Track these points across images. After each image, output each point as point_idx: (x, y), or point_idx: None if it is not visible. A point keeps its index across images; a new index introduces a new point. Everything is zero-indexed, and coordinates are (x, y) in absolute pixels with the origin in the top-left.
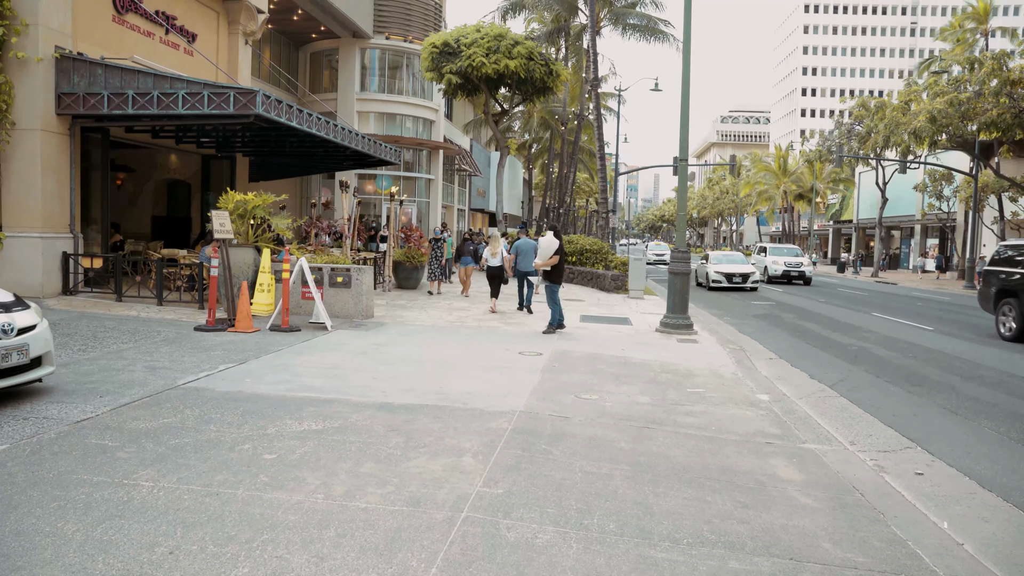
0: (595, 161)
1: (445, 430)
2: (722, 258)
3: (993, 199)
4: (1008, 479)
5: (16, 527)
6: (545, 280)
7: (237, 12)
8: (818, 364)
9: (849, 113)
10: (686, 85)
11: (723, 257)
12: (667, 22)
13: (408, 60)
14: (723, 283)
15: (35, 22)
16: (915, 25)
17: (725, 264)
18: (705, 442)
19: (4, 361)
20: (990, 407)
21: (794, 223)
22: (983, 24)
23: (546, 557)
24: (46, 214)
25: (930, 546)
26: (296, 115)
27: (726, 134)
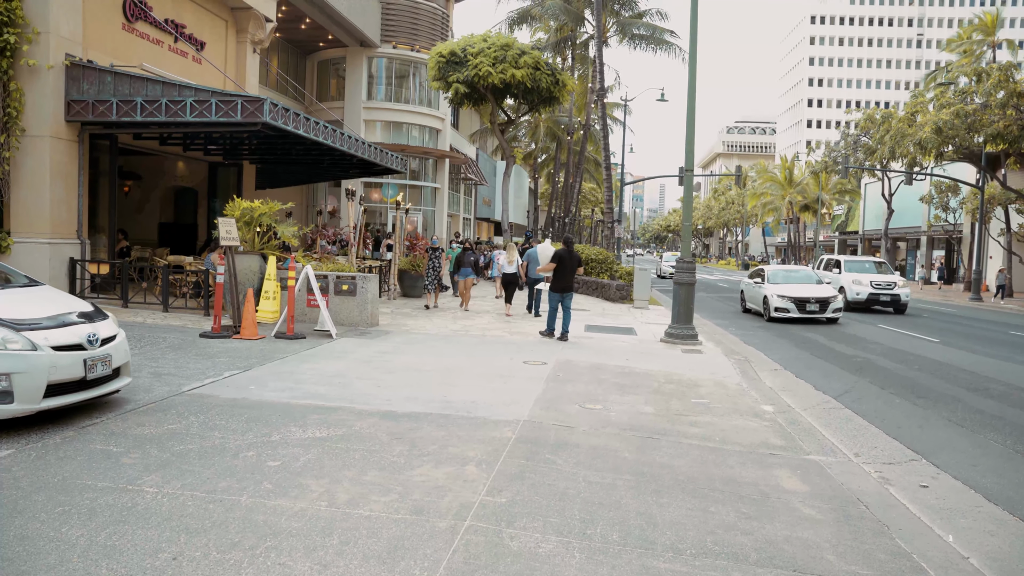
0: (601, 171)
1: (449, 438)
2: (785, 275)
3: (1000, 211)
4: (1014, 492)
5: (20, 532)
6: (548, 288)
7: (245, 21)
8: (823, 375)
9: (855, 124)
10: (692, 95)
11: (786, 274)
12: (672, 32)
13: (415, 69)
14: (790, 312)
15: (46, 30)
16: (921, 37)
17: (793, 285)
18: (709, 453)
19: (90, 372)
20: (996, 420)
21: (800, 234)
22: (990, 36)
23: (549, 567)
24: (54, 220)
25: (935, 559)
26: (303, 123)
27: (732, 144)
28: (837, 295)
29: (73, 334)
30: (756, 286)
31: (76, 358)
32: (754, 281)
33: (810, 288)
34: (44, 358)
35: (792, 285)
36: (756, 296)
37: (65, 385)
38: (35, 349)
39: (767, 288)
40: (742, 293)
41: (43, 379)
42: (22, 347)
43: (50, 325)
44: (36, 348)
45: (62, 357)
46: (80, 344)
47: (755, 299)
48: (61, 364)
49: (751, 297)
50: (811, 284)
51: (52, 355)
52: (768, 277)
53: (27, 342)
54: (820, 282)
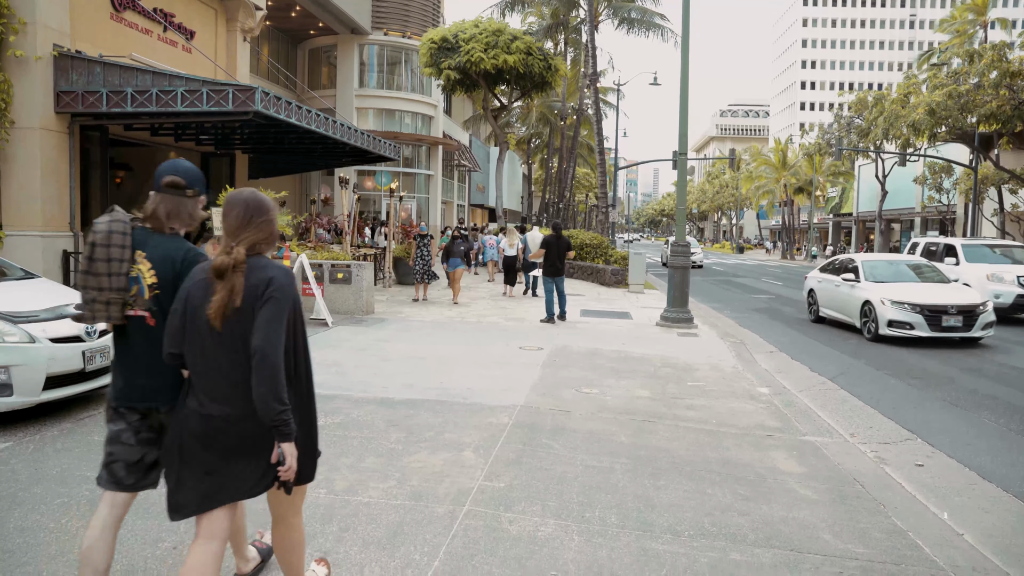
0: (594, 156)
1: (446, 425)
2: (894, 269)
3: (993, 191)
4: (1008, 470)
5: (20, 523)
6: (541, 273)
7: (235, 9)
8: (818, 357)
9: (848, 107)
10: (685, 79)
11: (894, 267)
12: (664, 16)
13: (407, 56)
14: (916, 328)
15: (33, 20)
16: (914, 17)
17: (912, 285)
18: (705, 435)
19: (89, 364)
20: (990, 399)
21: (794, 216)
22: (982, 15)
23: (548, 550)
24: (46, 213)
25: (930, 536)
26: (295, 112)
27: (725, 128)
28: (987, 302)
29: (71, 326)
30: (845, 287)
31: (75, 350)
32: (842, 279)
33: (943, 292)
34: (42, 350)
35: (911, 285)
36: (844, 300)
37: (64, 377)
38: (33, 341)
39: (869, 289)
40: (811, 295)
41: (42, 371)
42: (20, 340)
43: (48, 317)
44: (34, 340)
45: (60, 349)
46: (78, 336)
47: (841, 305)
48: (60, 356)
49: (831, 301)
50: (942, 285)
51: (50, 347)
52: (866, 271)
53: (25, 335)
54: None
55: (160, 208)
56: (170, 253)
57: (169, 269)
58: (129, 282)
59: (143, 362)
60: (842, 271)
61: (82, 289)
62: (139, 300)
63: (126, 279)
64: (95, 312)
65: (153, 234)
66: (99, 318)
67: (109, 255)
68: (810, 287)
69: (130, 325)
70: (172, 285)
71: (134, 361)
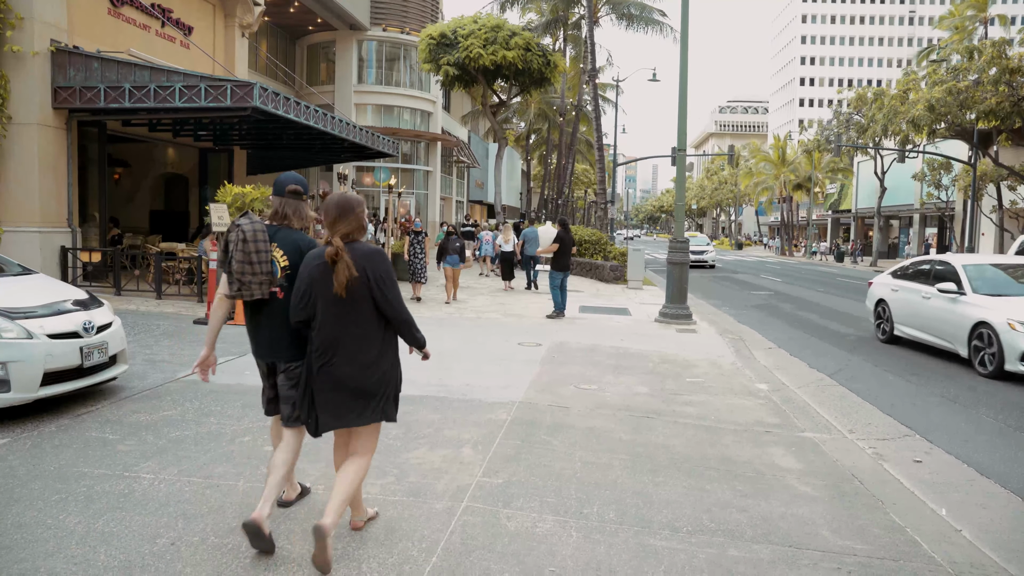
0: (593, 152)
1: (444, 421)
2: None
3: (992, 188)
4: (1006, 467)
5: (18, 520)
6: (550, 268)
7: (233, 5)
8: (817, 354)
9: (847, 103)
10: (684, 75)
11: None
12: (663, 12)
13: (405, 52)
14: None
15: (30, 15)
16: (913, 14)
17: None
18: (704, 432)
19: (87, 360)
20: (989, 396)
21: (793, 213)
22: (982, 11)
23: (546, 546)
24: (44, 209)
25: (928, 532)
26: (293, 107)
27: (724, 124)
28: None
29: (69, 322)
30: (941, 300)
31: (72, 346)
32: (936, 289)
33: None
34: (40, 346)
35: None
36: (939, 319)
37: (62, 373)
38: (31, 337)
39: (983, 306)
40: (882, 308)
41: (39, 367)
42: (17, 335)
43: (45, 313)
44: (32, 336)
45: (58, 345)
46: (76, 332)
47: (934, 324)
48: (57, 352)
49: (915, 317)
50: None
51: (48, 343)
52: (973, 280)
53: (23, 330)
54: None
55: (286, 209)
56: (296, 242)
57: (297, 254)
58: (270, 265)
59: (270, 327)
60: (932, 278)
61: (238, 274)
62: (274, 279)
63: (270, 264)
64: (251, 291)
65: (280, 229)
66: (254, 295)
67: (257, 248)
68: (879, 296)
69: (269, 300)
70: (298, 266)
71: (262, 326)
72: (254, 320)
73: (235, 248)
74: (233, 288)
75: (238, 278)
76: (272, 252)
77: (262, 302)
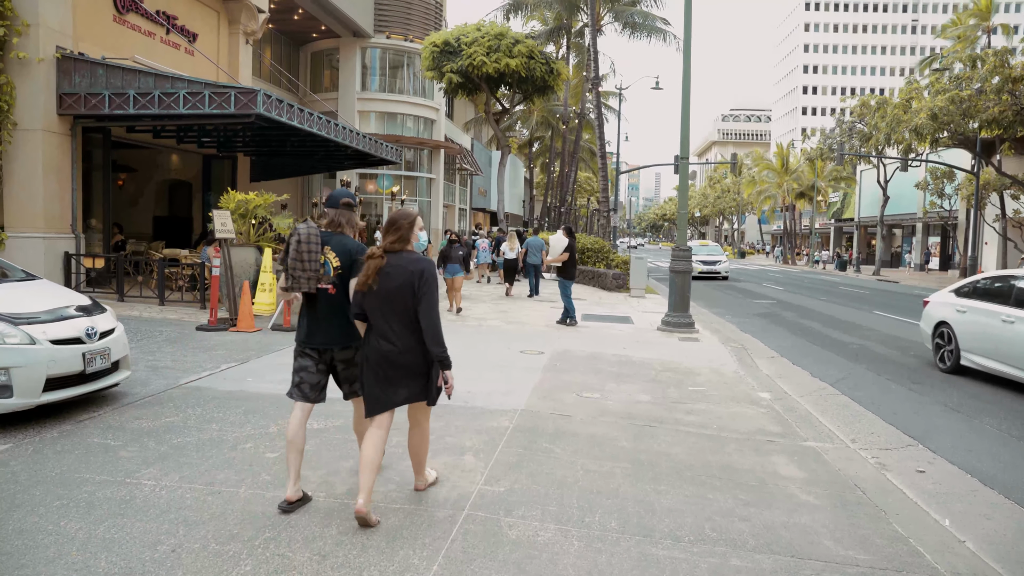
0: (596, 160)
1: (446, 428)
2: None
3: (995, 197)
4: (1010, 476)
5: (19, 526)
6: (558, 277)
7: (238, 12)
8: (819, 362)
9: (850, 112)
10: (687, 83)
11: None
12: (667, 21)
13: (409, 59)
14: None
15: (36, 22)
16: (916, 23)
17: None
18: (706, 440)
19: (89, 366)
20: (992, 405)
21: (795, 221)
22: (985, 20)
23: (548, 555)
24: (48, 214)
25: (932, 543)
26: (297, 114)
27: (727, 132)
28: None
29: (71, 328)
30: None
31: (75, 352)
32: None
33: None
34: (43, 352)
35: None
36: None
37: (64, 379)
38: (34, 343)
39: None
40: (943, 331)
41: (42, 373)
42: (20, 341)
43: (48, 319)
44: (35, 342)
45: (61, 351)
46: (79, 338)
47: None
48: (60, 358)
49: (990, 344)
50: None
51: (51, 349)
52: None
53: (25, 336)
54: None
55: (340, 218)
56: (347, 246)
57: (347, 256)
58: (323, 265)
59: (323, 318)
60: (1010, 298)
61: (291, 269)
62: (325, 277)
63: (320, 263)
64: (301, 284)
65: (333, 235)
66: (302, 288)
67: (310, 248)
68: (940, 318)
69: (318, 294)
70: (348, 267)
71: (318, 318)
72: (310, 313)
73: (294, 247)
74: (287, 282)
75: (291, 273)
76: (325, 254)
77: (317, 297)
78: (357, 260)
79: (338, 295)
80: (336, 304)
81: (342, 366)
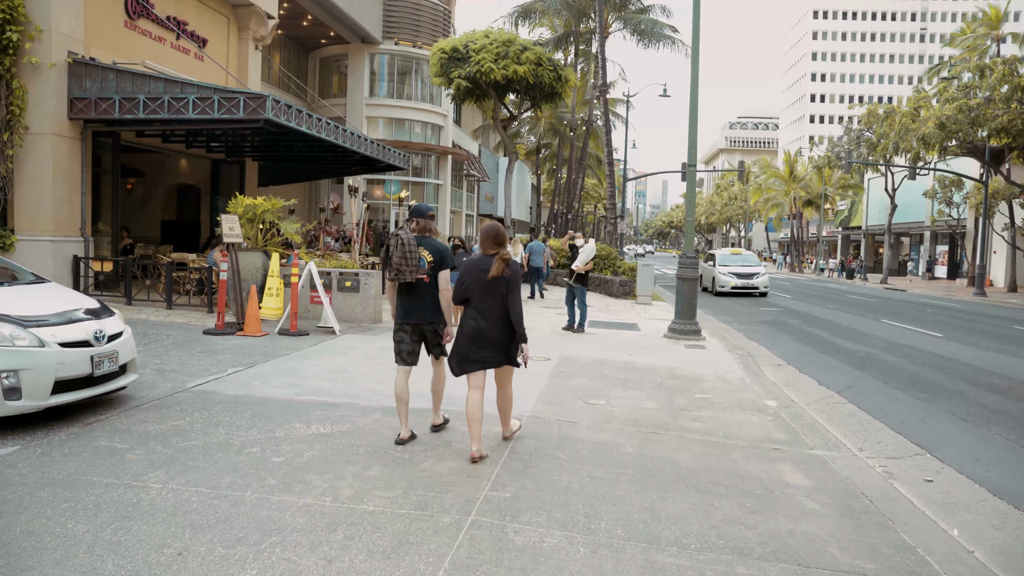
0: (603, 167)
1: (452, 434)
2: None
3: (1004, 205)
4: (1019, 486)
5: (27, 527)
6: (578, 284)
7: (247, 17)
8: (826, 370)
9: (858, 120)
10: (694, 91)
11: None
12: (675, 28)
13: (417, 65)
14: None
15: (48, 27)
16: (924, 31)
17: None
18: (712, 447)
19: (97, 368)
20: (1000, 414)
21: (803, 229)
22: (995, 29)
23: (553, 561)
24: (57, 218)
25: (939, 553)
26: (305, 120)
27: (735, 140)
28: None
29: (80, 331)
30: None
31: (83, 355)
32: None
33: None
34: (51, 355)
35: None
36: None
37: (72, 382)
38: (43, 346)
39: None
40: None
41: (51, 376)
42: (29, 344)
43: (57, 322)
44: (44, 345)
45: (69, 354)
46: (87, 341)
47: None
48: (68, 360)
49: None
50: None
51: (59, 352)
52: None
53: (35, 339)
54: None
55: (428, 226)
56: (437, 246)
57: (437, 254)
58: (419, 261)
59: (418, 300)
60: None
61: (397, 265)
62: (420, 270)
63: (418, 259)
64: (404, 275)
65: (425, 238)
66: (405, 279)
67: (409, 249)
68: None
69: (416, 283)
70: (438, 262)
71: (414, 300)
72: (409, 297)
73: (395, 249)
74: (392, 275)
75: (397, 268)
76: (420, 252)
77: (414, 285)
78: (445, 256)
79: (430, 283)
80: (428, 290)
81: (431, 335)
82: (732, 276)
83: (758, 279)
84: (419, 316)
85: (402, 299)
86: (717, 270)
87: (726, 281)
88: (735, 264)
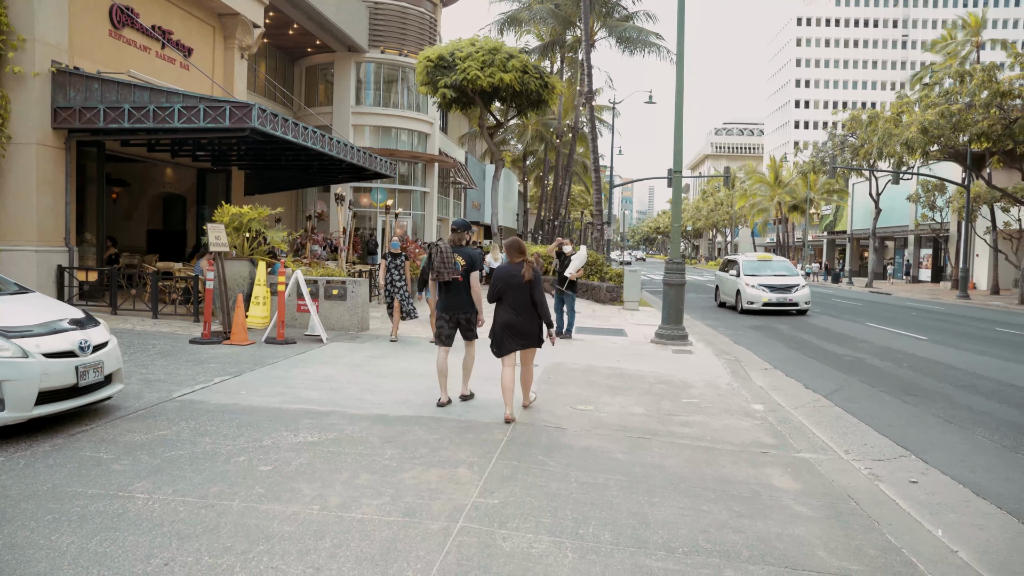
0: (590, 173)
1: (440, 441)
2: None
3: (985, 209)
4: (1002, 487)
5: (10, 540)
6: (567, 291)
7: (233, 27)
8: (813, 374)
9: (842, 125)
10: (680, 98)
11: None
12: (660, 35)
13: (403, 74)
14: None
15: (32, 37)
16: (907, 38)
17: None
18: (700, 452)
19: (82, 379)
20: (985, 416)
21: (788, 234)
22: (975, 36)
23: (542, 567)
24: (41, 228)
25: (925, 553)
26: (292, 128)
27: (720, 146)
28: None
29: (65, 341)
30: None
31: (68, 365)
32: None
33: None
34: (35, 365)
35: None
36: None
37: (57, 392)
38: (26, 356)
39: None
40: None
41: (34, 386)
42: (13, 354)
43: (41, 332)
44: (27, 355)
45: (54, 364)
46: (72, 351)
47: None
48: (53, 371)
49: None
50: None
51: (43, 362)
52: None
53: (18, 349)
54: None
55: (464, 235)
56: (470, 253)
57: (469, 259)
58: (455, 264)
59: (454, 295)
60: None
61: (438, 267)
62: (456, 271)
63: (454, 264)
64: (443, 276)
65: (459, 247)
66: (444, 278)
67: (447, 255)
68: None
69: (452, 282)
70: (470, 265)
71: (451, 296)
72: (447, 293)
73: (436, 255)
74: (434, 275)
75: (438, 270)
76: (455, 258)
77: (451, 283)
78: (475, 260)
79: (464, 283)
80: (462, 288)
81: (464, 323)
82: (764, 290)
83: (797, 293)
84: (455, 308)
85: (442, 295)
86: (743, 281)
87: (756, 296)
88: (766, 274)
